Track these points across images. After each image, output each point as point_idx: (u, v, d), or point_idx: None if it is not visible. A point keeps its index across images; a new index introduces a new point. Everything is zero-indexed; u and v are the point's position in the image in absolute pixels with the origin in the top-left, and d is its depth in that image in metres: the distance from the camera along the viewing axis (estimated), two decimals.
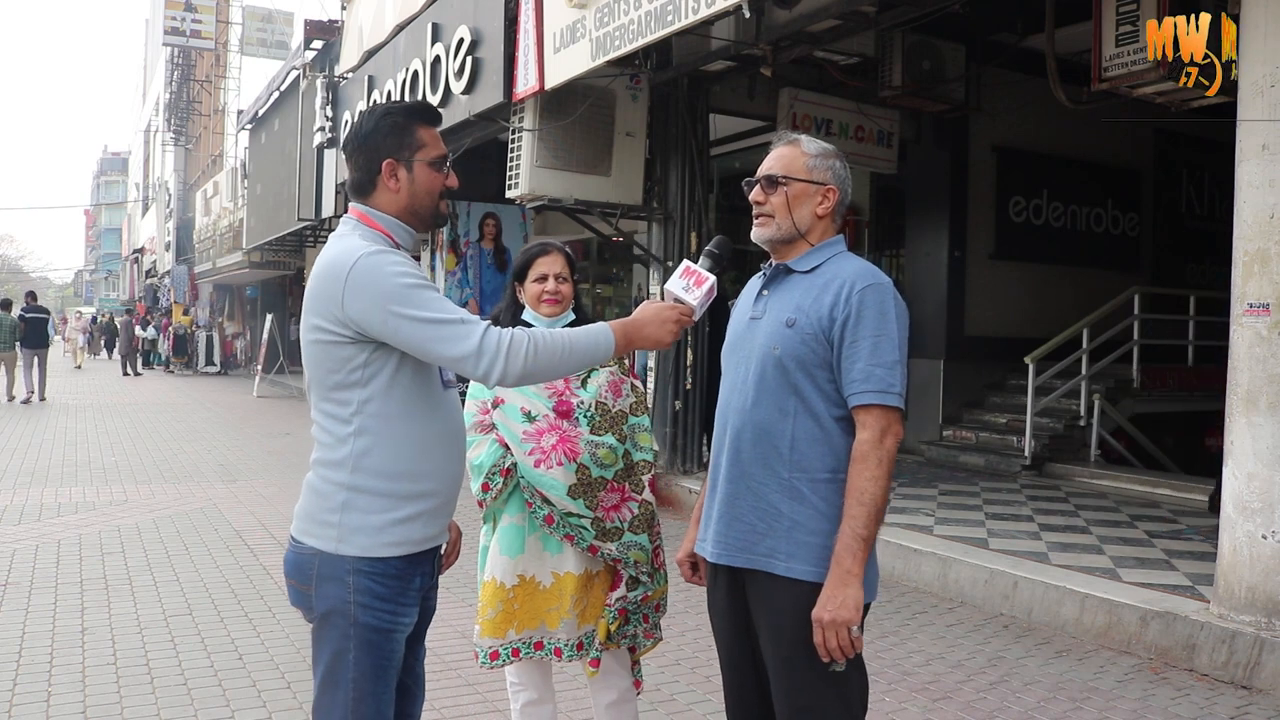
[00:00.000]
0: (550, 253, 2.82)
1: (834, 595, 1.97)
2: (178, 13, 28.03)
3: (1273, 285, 4.07)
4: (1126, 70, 5.88)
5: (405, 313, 1.89)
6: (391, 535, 1.98)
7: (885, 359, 2.03)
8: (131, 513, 7.36)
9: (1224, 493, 4.26)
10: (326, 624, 2.00)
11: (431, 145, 2.06)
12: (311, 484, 2.04)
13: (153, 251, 41.22)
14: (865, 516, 1.99)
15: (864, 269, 2.12)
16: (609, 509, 2.70)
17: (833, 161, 2.19)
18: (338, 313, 1.93)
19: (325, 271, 1.96)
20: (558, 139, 7.81)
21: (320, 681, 2.03)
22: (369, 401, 1.97)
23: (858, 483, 2.01)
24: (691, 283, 2.11)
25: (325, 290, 1.95)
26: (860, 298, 2.05)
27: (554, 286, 2.77)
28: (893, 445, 2.03)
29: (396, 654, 2.03)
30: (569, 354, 1.99)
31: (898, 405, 2.04)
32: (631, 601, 2.73)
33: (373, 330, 1.92)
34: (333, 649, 1.99)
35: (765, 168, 2.20)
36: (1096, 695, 3.93)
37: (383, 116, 2.05)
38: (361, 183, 2.07)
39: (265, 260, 21.19)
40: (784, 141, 2.22)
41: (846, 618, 1.96)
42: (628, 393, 2.80)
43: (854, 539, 1.98)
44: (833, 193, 2.17)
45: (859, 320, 2.04)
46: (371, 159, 2.04)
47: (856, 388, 2.04)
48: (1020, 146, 10.09)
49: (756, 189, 2.19)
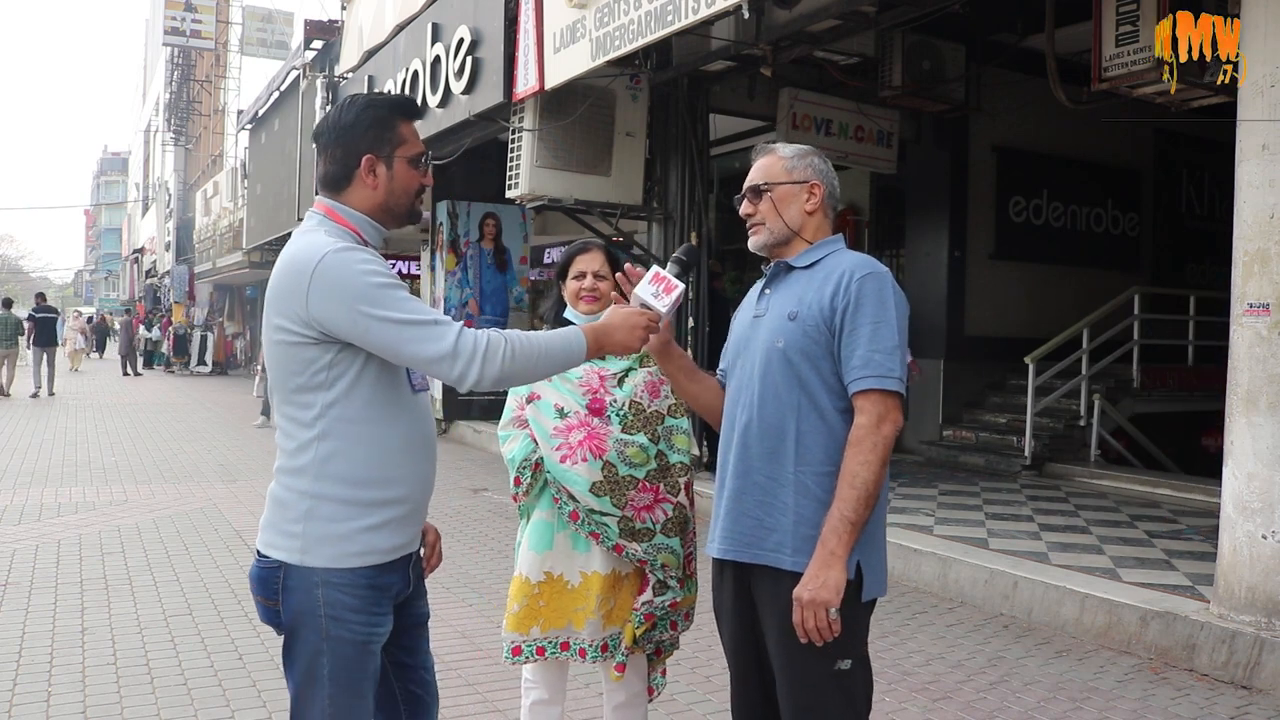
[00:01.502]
0: (590, 250, 2.81)
1: (815, 575, 1.98)
2: (178, 13, 28.03)
3: (1273, 285, 4.07)
4: (1126, 70, 5.88)
5: (375, 313, 1.82)
6: (358, 544, 1.90)
7: (884, 345, 2.05)
8: (131, 513, 7.36)
9: (1224, 493, 4.26)
10: (297, 639, 1.93)
11: (412, 141, 1.99)
12: (274, 493, 1.96)
13: (153, 251, 41.24)
14: (855, 500, 1.99)
15: (863, 260, 2.15)
16: (640, 509, 2.66)
17: (810, 159, 2.23)
18: (301, 312, 1.84)
19: (288, 268, 1.88)
20: (558, 139, 7.81)
21: (295, 697, 1.96)
22: (333, 405, 1.89)
23: (850, 466, 2.01)
24: (661, 289, 2.13)
25: (288, 288, 1.86)
26: (859, 286, 2.07)
27: (591, 284, 2.76)
28: (890, 432, 2.03)
29: (372, 665, 1.96)
30: (544, 357, 1.94)
31: (897, 390, 2.04)
32: (659, 607, 2.68)
33: (339, 331, 1.84)
34: (305, 664, 1.92)
35: (748, 180, 2.26)
36: (1096, 695, 3.93)
37: (364, 109, 1.97)
38: (336, 177, 1.97)
39: (265, 260, 21.15)
40: (761, 154, 2.28)
41: (826, 599, 1.97)
42: (666, 394, 2.76)
43: (841, 521, 1.99)
44: (818, 187, 2.21)
45: (858, 308, 2.06)
46: (350, 153, 1.95)
47: (856, 374, 2.05)
48: (1020, 146, 10.09)
49: (744, 202, 2.25)
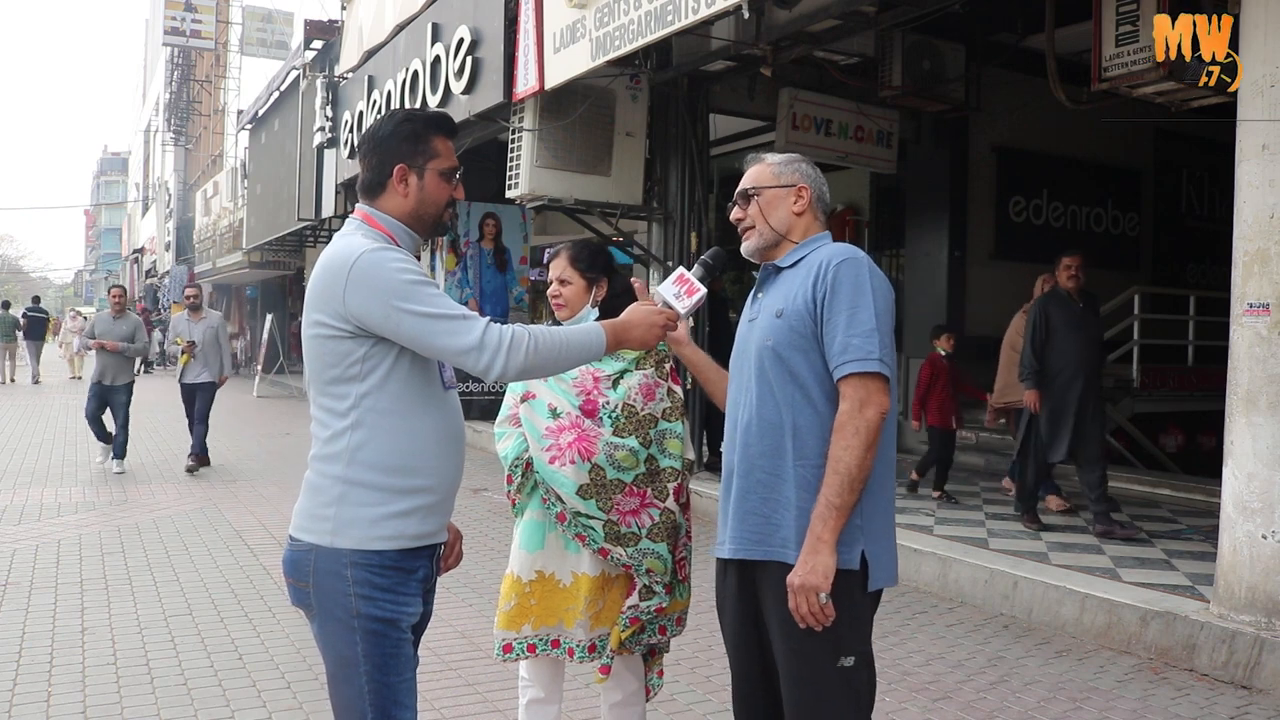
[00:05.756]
0: (557, 255, 2.81)
1: (805, 561, 2.02)
2: (178, 13, 28.02)
3: (1273, 285, 4.07)
4: (1126, 70, 5.87)
5: (408, 308, 1.92)
6: (387, 529, 1.98)
7: (862, 328, 2.06)
8: (131, 513, 7.36)
9: (1224, 493, 4.26)
10: (330, 619, 1.99)
11: (445, 156, 2.10)
12: (309, 480, 2.05)
13: (153, 251, 41.21)
14: (839, 485, 2.02)
15: (840, 248, 2.18)
16: (625, 513, 2.64)
17: (798, 165, 2.29)
18: (339, 308, 1.95)
19: (328, 267, 1.99)
20: (558, 139, 7.80)
21: (331, 678, 2.02)
22: (366, 396, 1.98)
23: (833, 451, 2.04)
24: (683, 291, 2.19)
25: (327, 285, 1.97)
26: (835, 272, 2.10)
27: (555, 290, 2.77)
28: (874, 416, 2.04)
29: (405, 643, 2.03)
30: (565, 350, 2.04)
31: (878, 371, 2.05)
32: (644, 611, 2.66)
33: (374, 325, 1.94)
34: (339, 643, 1.99)
35: (739, 187, 2.31)
36: (1096, 695, 3.93)
37: (402, 122, 2.09)
38: (371, 184, 2.10)
39: (265, 260, 21.20)
40: (751, 163, 2.34)
41: (815, 583, 1.99)
42: (662, 397, 2.72)
43: (826, 507, 2.02)
44: (804, 190, 2.26)
45: (834, 293, 2.09)
46: (384, 161, 2.07)
47: (837, 360, 2.08)
48: (1020, 146, 10.09)
49: (735, 208, 2.30)
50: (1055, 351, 6.14)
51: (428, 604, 2.14)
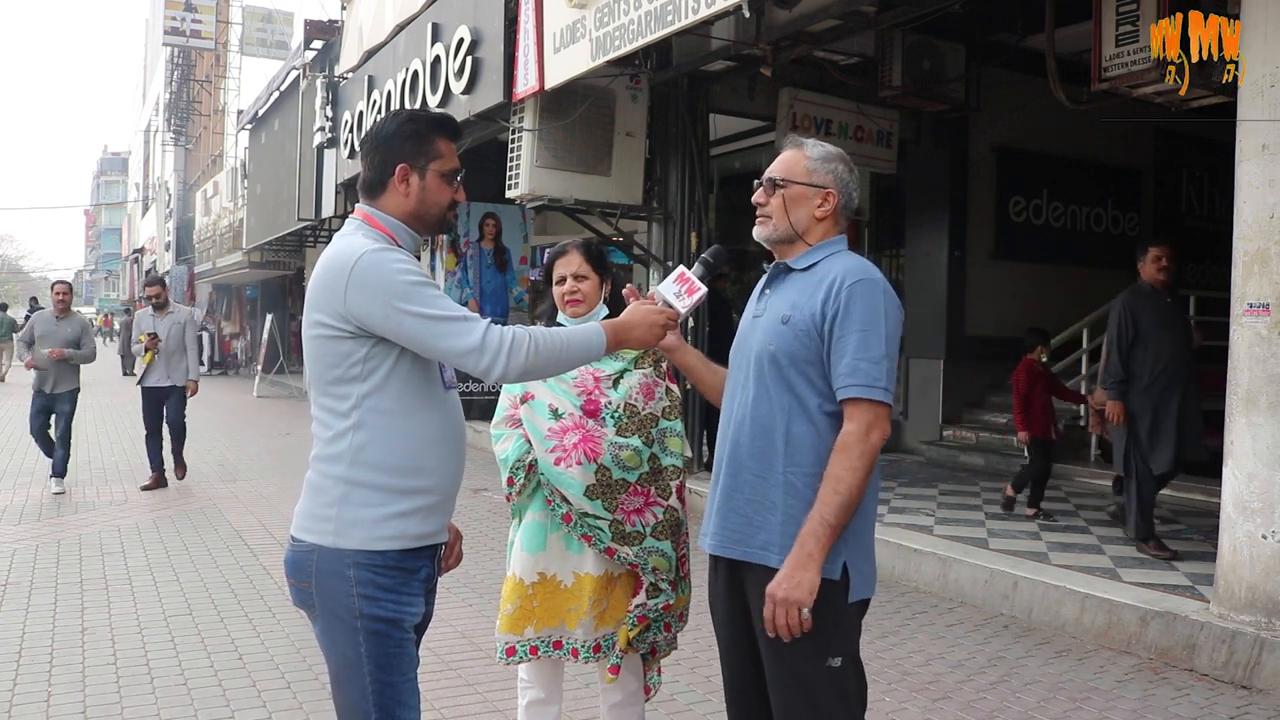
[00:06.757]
0: (567, 252, 2.80)
1: (791, 575, 2.00)
2: (178, 13, 28.02)
3: (1273, 285, 4.07)
4: (1126, 70, 5.87)
5: (409, 309, 1.92)
6: (389, 529, 1.98)
7: (872, 353, 2.05)
8: (131, 513, 7.36)
9: (1224, 493, 4.26)
10: (333, 619, 1.99)
11: (448, 157, 2.10)
12: (310, 480, 2.05)
13: (153, 251, 41.21)
14: (837, 505, 2.01)
15: (856, 265, 2.14)
16: (630, 512, 2.66)
17: (835, 165, 2.22)
18: (340, 308, 1.95)
19: (329, 267, 1.99)
20: (558, 139, 7.80)
21: (334, 679, 2.03)
22: (368, 396, 1.98)
23: (835, 470, 2.03)
24: (684, 290, 2.18)
25: (328, 285, 1.97)
26: (849, 293, 2.07)
27: (571, 286, 2.75)
28: (878, 441, 2.05)
29: (407, 642, 2.03)
30: (566, 351, 2.04)
31: (884, 400, 2.05)
32: (652, 609, 2.68)
33: (375, 325, 1.94)
34: (342, 644, 1.99)
35: (769, 170, 2.25)
36: (1096, 695, 3.93)
37: (405, 122, 2.08)
38: (372, 183, 2.09)
39: (265, 260, 21.20)
40: (790, 145, 2.27)
41: (799, 598, 1.99)
42: (661, 396, 2.75)
43: (821, 524, 2.01)
44: (832, 196, 2.20)
45: (847, 314, 2.07)
46: (386, 161, 2.07)
47: (843, 381, 2.06)
48: (1020, 146, 10.07)
49: (760, 190, 2.25)
50: (1149, 353, 5.57)
51: (429, 604, 2.14)
